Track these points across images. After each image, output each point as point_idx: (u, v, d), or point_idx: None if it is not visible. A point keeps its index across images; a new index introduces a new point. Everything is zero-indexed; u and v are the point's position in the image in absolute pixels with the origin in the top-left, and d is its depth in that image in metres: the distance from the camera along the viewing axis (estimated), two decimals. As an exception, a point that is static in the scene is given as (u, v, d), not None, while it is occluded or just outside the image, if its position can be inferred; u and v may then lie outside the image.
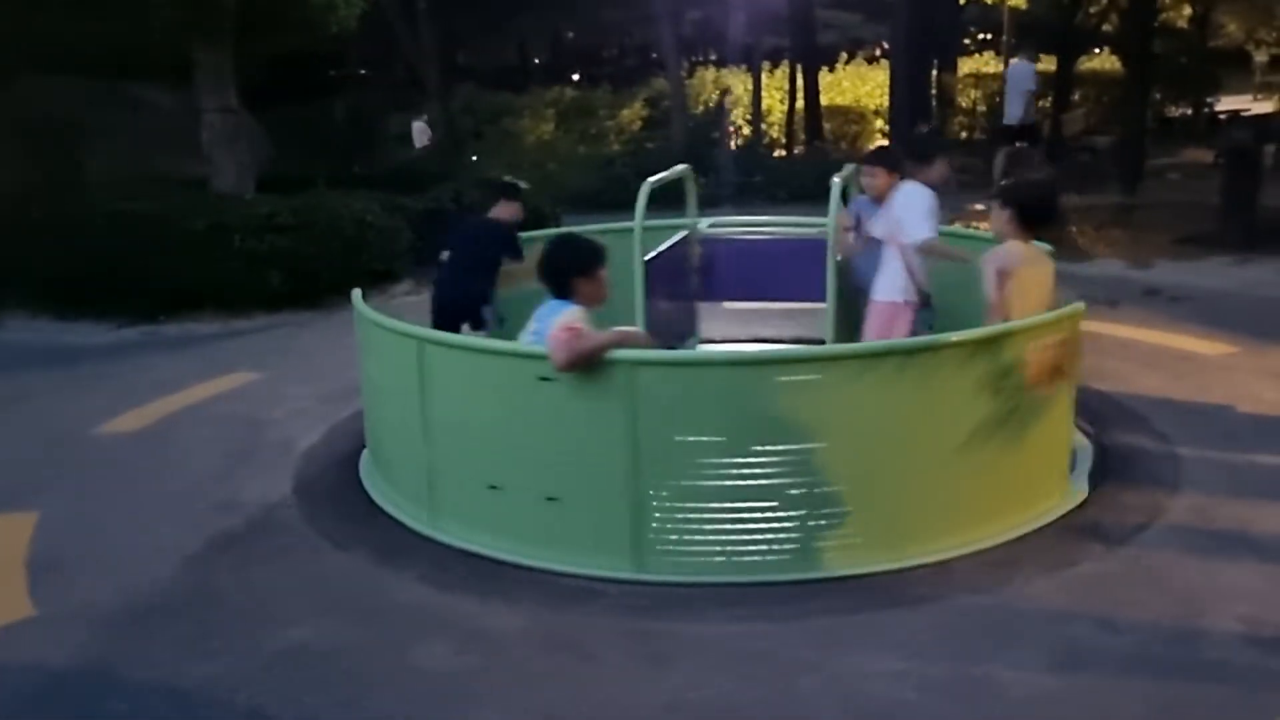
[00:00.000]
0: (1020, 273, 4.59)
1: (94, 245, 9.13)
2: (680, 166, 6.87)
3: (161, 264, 8.98)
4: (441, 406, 4.53)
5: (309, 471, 5.46)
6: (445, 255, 6.32)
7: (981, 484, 4.28)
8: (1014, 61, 14.52)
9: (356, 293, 5.35)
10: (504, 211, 6.42)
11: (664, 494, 4.11)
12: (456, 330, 5.89)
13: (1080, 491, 4.72)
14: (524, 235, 6.41)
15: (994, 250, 4.72)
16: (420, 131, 18.53)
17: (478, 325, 6.11)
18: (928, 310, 5.54)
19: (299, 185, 10.41)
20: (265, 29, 10.73)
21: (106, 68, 11.93)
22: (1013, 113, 13.64)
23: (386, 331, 4.80)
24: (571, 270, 4.24)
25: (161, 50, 10.92)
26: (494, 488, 4.37)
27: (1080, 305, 4.58)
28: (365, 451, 5.49)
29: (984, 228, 11.98)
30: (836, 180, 5.69)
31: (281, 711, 3.38)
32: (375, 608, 4.04)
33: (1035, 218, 4.70)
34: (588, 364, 4.03)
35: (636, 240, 5.99)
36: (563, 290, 4.23)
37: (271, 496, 5.14)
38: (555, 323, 4.07)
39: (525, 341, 4.28)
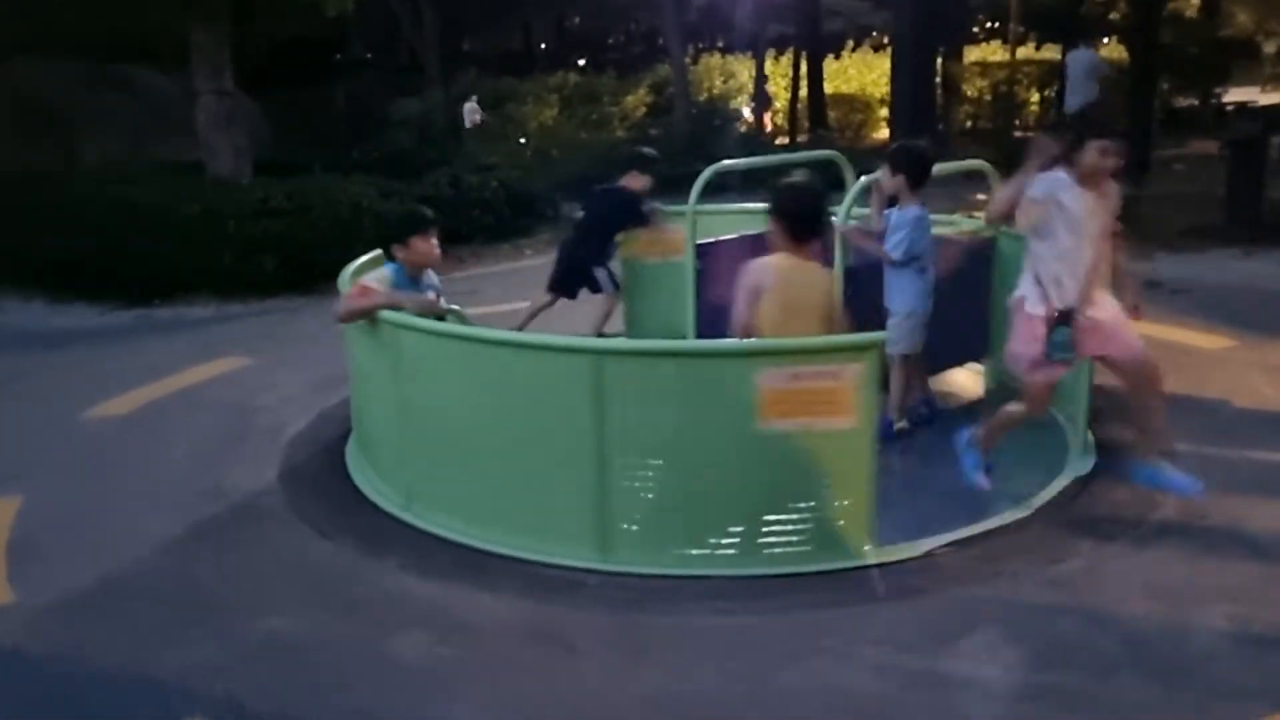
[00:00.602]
0: (777, 290, 4.12)
1: (88, 228, 9.10)
2: (827, 152, 7.14)
3: (155, 248, 8.95)
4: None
5: (295, 459, 5.42)
6: (579, 215, 7.08)
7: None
8: (1074, 50, 14.46)
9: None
10: (634, 181, 6.83)
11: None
12: (573, 289, 6.82)
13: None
14: None
15: (750, 263, 4.22)
16: (471, 111, 18.62)
17: (595, 287, 6.87)
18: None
19: (297, 170, 10.36)
20: (262, 11, 10.66)
21: (102, 50, 11.88)
22: (1072, 101, 13.73)
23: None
24: (395, 238, 4.85)
25: (158, 32, 10.86)
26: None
27: (878, 336, 4.00)
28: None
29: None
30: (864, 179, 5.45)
31: (258, 702, 3.34)
32: (356, 597, 4.00)
33: (803, 229, 4.17)
34: (362, 317, 4.65)
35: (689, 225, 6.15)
36: (387, 254, 4.88)
37: (257, 483, 5.10)
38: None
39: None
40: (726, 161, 6.45)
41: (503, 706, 3.31)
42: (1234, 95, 23.92)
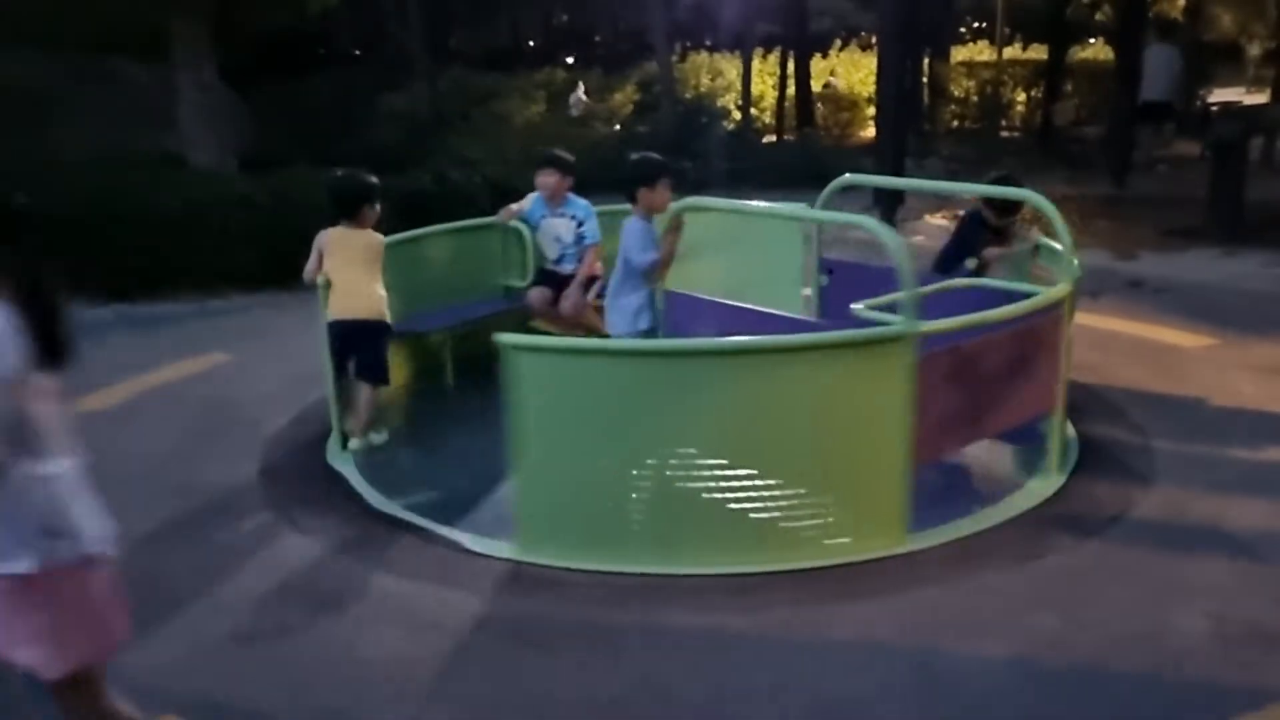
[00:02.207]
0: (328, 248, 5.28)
1: (68, 222, 9.00)
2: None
3: (135, 242, 8.86)
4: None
5: (274, 455, 5.38)
6: None
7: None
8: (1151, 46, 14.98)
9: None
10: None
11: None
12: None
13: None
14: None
15: None
16: (576, 101, 18.80)
17: None
18: None
19: (281, 164, 10.29)
20: (245, 4, 10.60)
21: (84, 42, 11.79)
22: (1151, 91, 14.31)
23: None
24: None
25: (140, 24, 10.79)
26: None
27: None
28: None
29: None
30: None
31: (227, 699, 3.32)
32: (331, 594, 3.97)
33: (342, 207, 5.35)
34: None
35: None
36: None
37: (234, 479, 5.06)
38: None
39: None
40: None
41: (476, 705, 3.28)
42: (1218, 97, 24.02)
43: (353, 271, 5.24)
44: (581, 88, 19.13)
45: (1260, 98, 22.76)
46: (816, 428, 4.05)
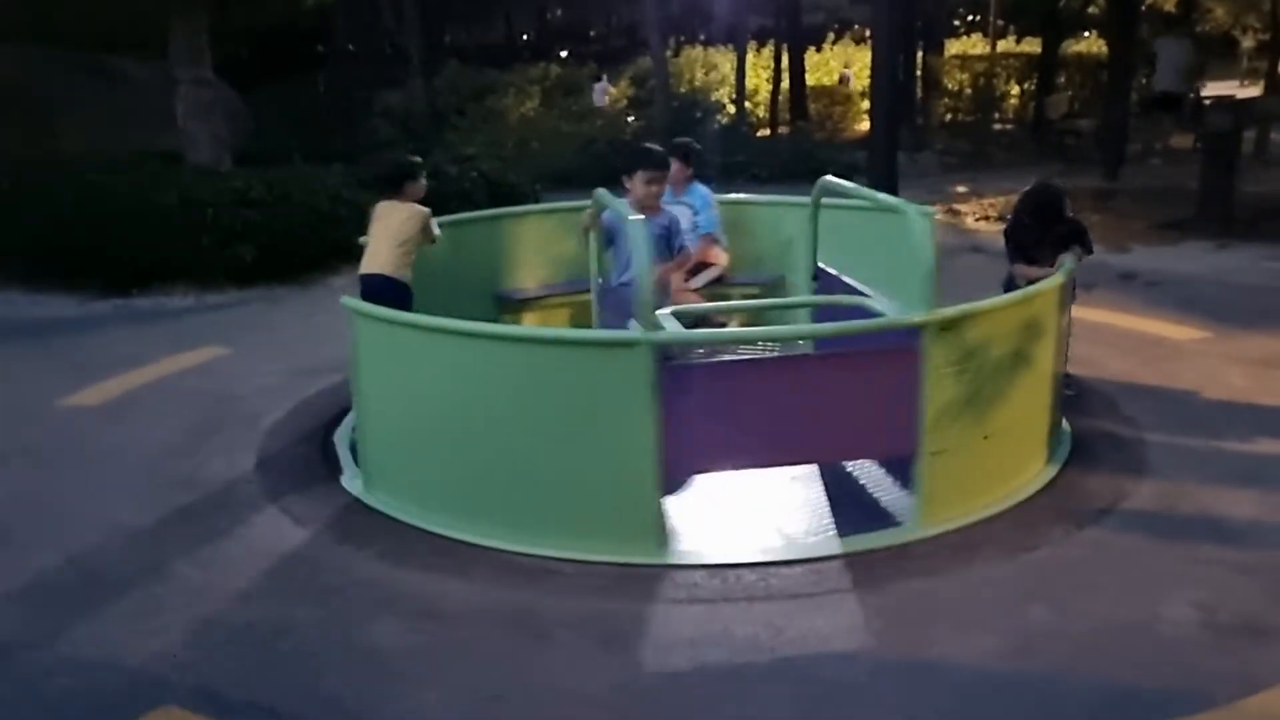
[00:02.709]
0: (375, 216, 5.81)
1: (65, 217, 9.04)
2: None
3: (133, 237, 8.90)
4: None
5: (273, 448, 5.41)
6: None
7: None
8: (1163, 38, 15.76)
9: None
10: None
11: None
12: None
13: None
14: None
15: None
16: (601, 91, 18.93)
17: None
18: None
19: (277, 160, 10.32)
20: (241, 0, 10.62)
21: (81, 38, 11.79)
22: (1164, 82, 15.02)
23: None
24: None
25: (136, 21, 10.80)
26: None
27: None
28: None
29: (965, 209, 11.99)
30: None
31: (229, 690, 3.34)
32: (330, 585, 4.00)
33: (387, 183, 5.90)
34: None
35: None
36: None
37: (233, 472, 5.09)
38: None
39: None
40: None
41: (471, 693, 3.31)
42: (1212, 90, 24.06)
43: (385, 237, 5.71)
44: (605, 78, 19.36)
45: (1254, 91, 22.82)
46: (567, 422, 4.12)
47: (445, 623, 3.70)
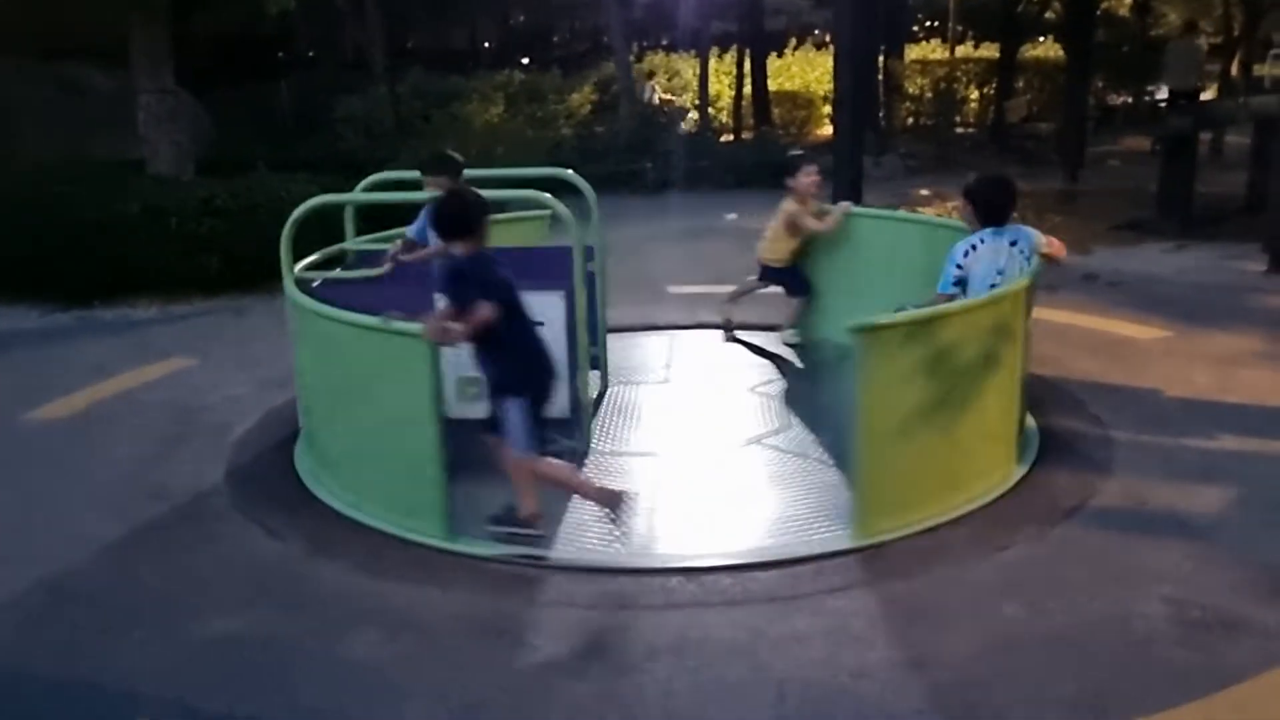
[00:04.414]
0: None
1: (26, 228, 8.91)
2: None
3: (96, 247, 8.78)
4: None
5: (242, 459, 5.37)
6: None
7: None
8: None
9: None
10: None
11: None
12: None
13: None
14: None
15: None
16: (650, 89, 19.41)
17: None
18: None
19: (240, 168, 10.22)
20: (203, 7, 10.52)
21: (41, 47, 11.64)
22: (1174, 81, 15.98)
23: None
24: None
25: (97, 29, 10.68)
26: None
27: None
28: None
29: (930, 213, 12.09)
30: None
31: (207, 703, 3.31)
32: (306, 596, 3.97)
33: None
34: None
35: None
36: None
37: (203, 484, 5.04)
38: None
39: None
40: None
41: (453, 702, 3.30)
42: (1166, 92, 24.39)
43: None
44: (653, 79, 19.59)
45: (1208, 93, 23.19)
46: (364, 402, 4.46)
47: (424, 632, 3.69)
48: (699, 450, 5.24)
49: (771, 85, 21.90)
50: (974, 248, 4.85)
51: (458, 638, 3.66)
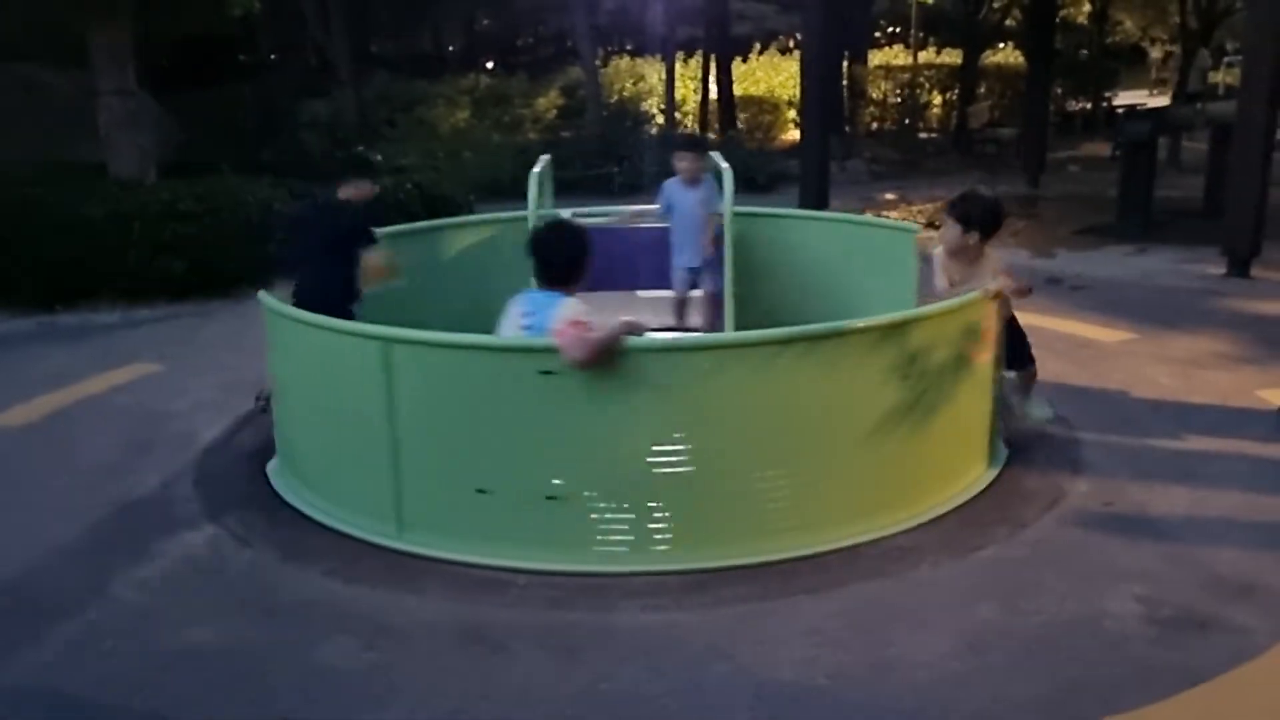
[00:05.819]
0: None
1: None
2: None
3: (57, 252, 8.66)
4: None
5: (211, 465, 5.30)
6: (300, 240, 5.72)
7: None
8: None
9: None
10: (358, 192, 5.67)
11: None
12: None
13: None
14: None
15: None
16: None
17: None
18: None
19: (204, 171, 10.12)
20: (165, 8, 10.39)
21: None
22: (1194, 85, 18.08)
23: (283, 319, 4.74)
24: (579, 258, 4.24)
25: (57, 31, 10.52)
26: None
27: None
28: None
29: (895, 216, 12.18)
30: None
31: (180, 713, 3.26)
32: (279, 605, 3.93)
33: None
34: (602, 357, 3.88)
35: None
36: (560, 279, 4.21)
37: (172, 492, 4.97)
38: (556, 315, 4.01)
39: (515, 334, 4.23)
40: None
41: (432, 709, 3.28)
42: (1123, 99, 24.79)
43: None
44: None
45: (1162, 100, 23.58)
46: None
47: (400, 639, 3.66)
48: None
49: (737, 90, 22.03)
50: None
51: (435, 644, 3.64)
